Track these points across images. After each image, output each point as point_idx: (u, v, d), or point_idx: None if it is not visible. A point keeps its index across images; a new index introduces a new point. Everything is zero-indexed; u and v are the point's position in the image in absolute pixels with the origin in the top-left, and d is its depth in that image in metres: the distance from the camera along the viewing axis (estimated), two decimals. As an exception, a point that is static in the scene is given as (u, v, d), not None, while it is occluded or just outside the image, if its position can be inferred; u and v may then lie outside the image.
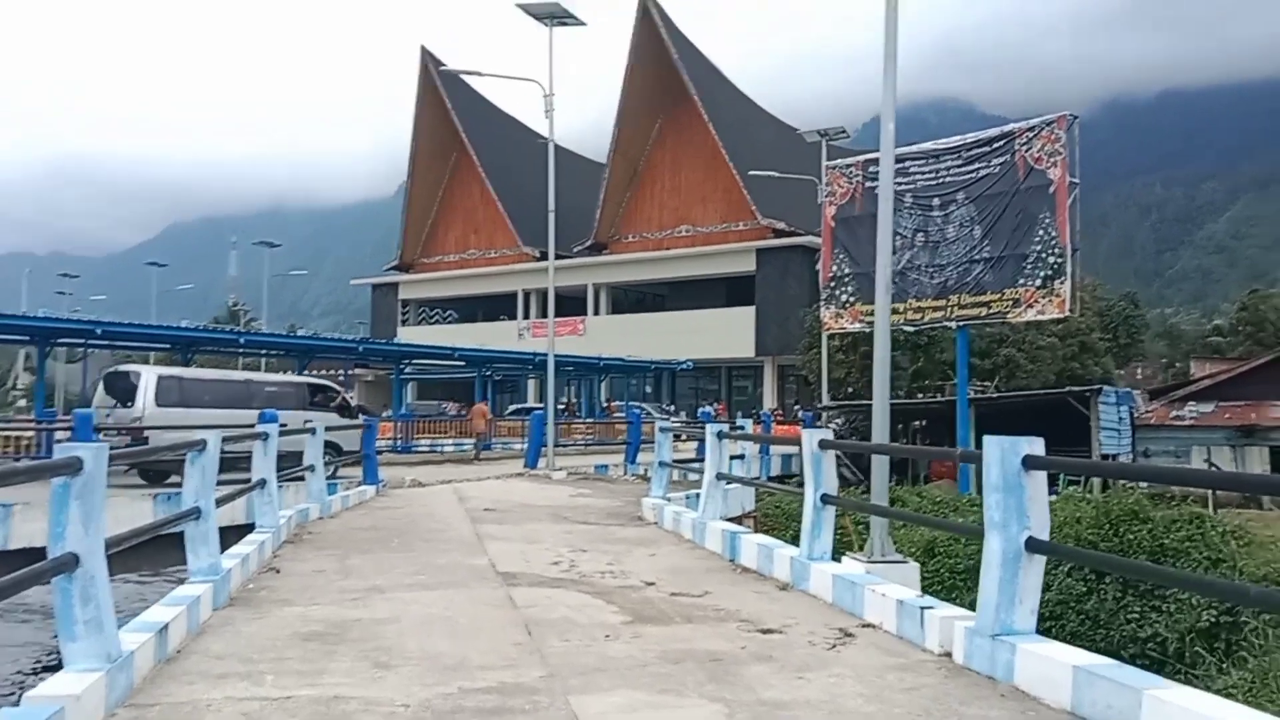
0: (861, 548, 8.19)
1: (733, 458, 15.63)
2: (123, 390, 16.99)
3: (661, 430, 12.89)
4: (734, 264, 50.49)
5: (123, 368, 18.62)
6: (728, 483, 10.57)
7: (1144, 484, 20.87)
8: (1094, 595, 12.71)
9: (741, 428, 17.65)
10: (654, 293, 58.71)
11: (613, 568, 8.60)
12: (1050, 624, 12.93)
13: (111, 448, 4.99)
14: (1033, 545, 5.09)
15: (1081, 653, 4.79)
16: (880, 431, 8.56)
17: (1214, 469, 21.62)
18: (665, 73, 52.01)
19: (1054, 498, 20.29)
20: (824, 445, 7.59)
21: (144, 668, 4.99)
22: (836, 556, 7.69)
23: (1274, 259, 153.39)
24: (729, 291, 51.46)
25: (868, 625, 6.29)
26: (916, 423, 27.92)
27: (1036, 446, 5.17)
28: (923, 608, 5.82)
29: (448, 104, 59.58)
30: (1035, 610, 5.16)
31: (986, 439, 5.29)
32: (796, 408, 41.30)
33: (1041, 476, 5.18)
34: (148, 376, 16.91)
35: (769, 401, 48.08)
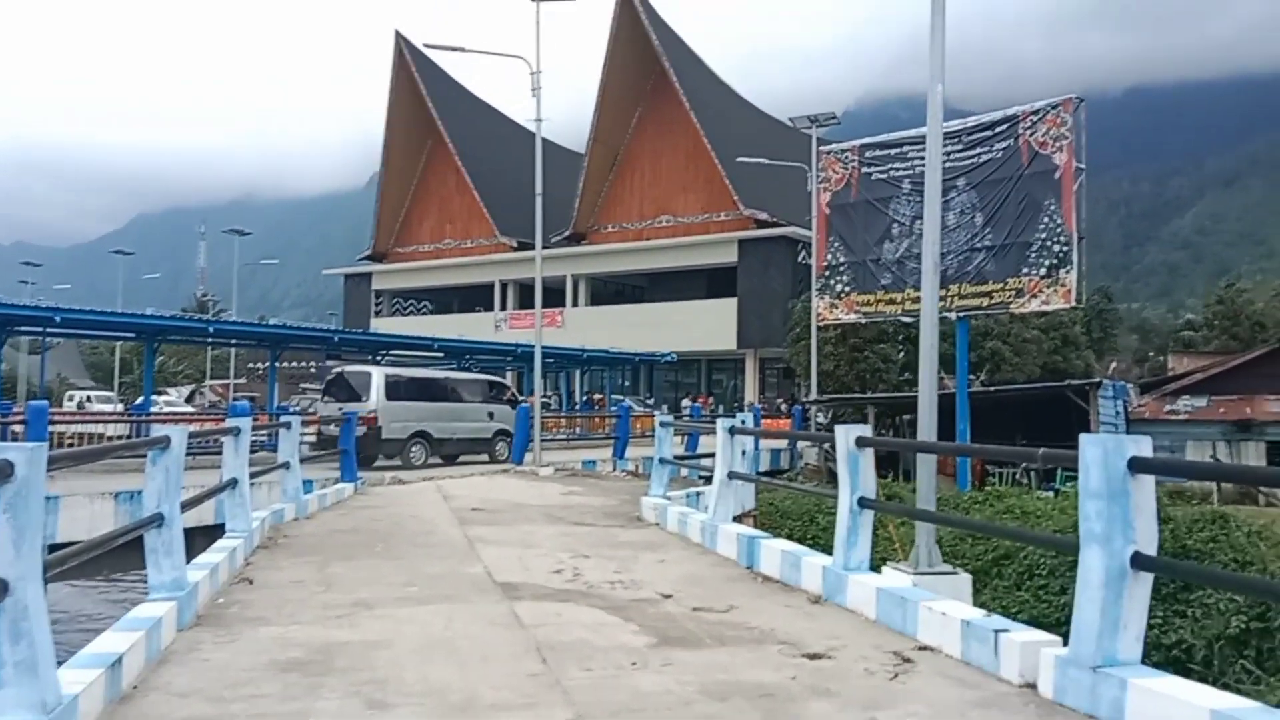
0: (906, 556, 7.46)
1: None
2: (349, 388, 20.18)
3: (662, 425, 12.13)
4: (715, 255, 49.74)
5: (349, 368, 21.80)
6: (741, 482, 9.80)
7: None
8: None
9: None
10: (633, 284, 57.87)
11: (621, 576, 7.83)
12: (1066, 629, 12.31)
13: (53, 447, 4.16)
14: (1140, 562, 4.37)
15: (1210, 691, 4.07)
16: (926, 427, 7.83)
17: (1194, 461, 21.22)
18: (645, 60, 51.16)
19: (1049, 494, 19.79)
20: (861, 443, 6.84)
21: (91, 713, 4.16)
22: (875, 567, 6.96)
23: (1239, 254, 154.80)
24: (710, 283, 50.72)
25: (925, 648, 5.56)
26: (905, 416, 27.32)
27: (1144, 447, 4.45)
28: (996, 630, 5.10)
29: (422, 90, 58.39)
30: (1141, 638, 4.45)
31: (1085, 437, 4.56)
32: (780, 401, 40.74)
33: (1149, 481, 4.46)
34: (377, 376, 20.30)
35: (750, 395, 47.44)
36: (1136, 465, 4.39)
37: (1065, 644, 4.75)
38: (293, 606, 6.66)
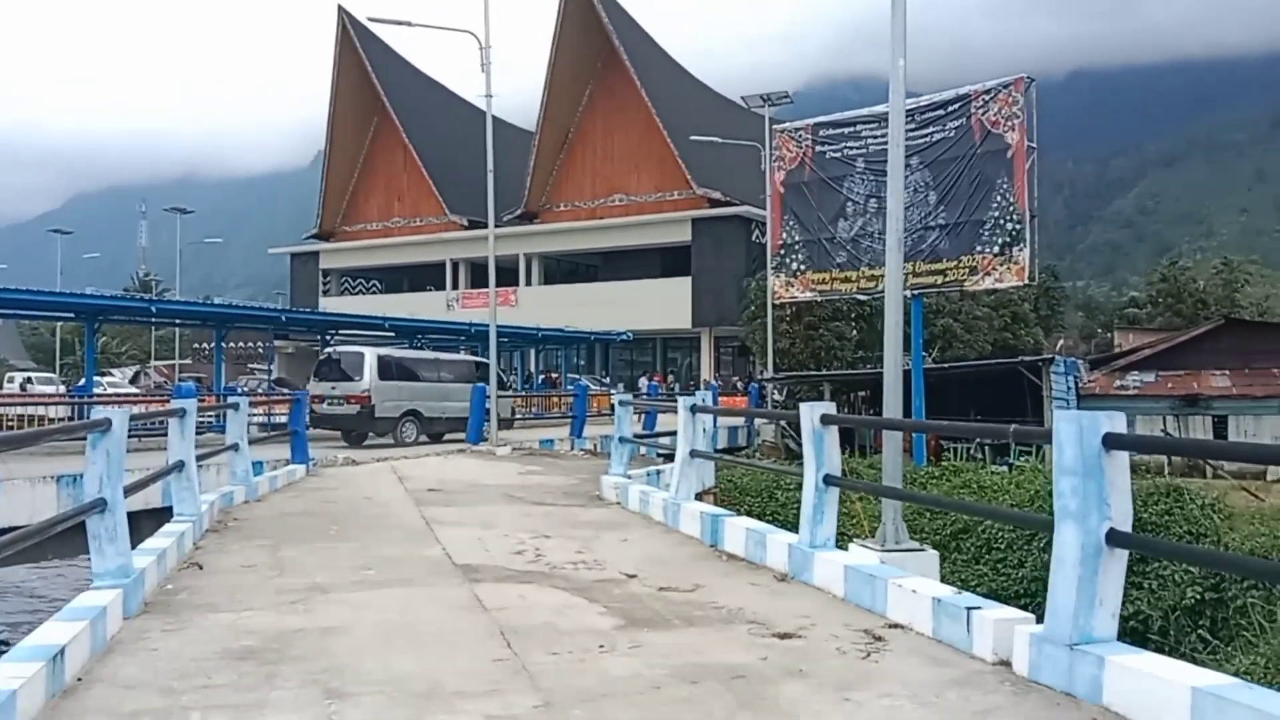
0: (872, 533, 7.40)
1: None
2: (341, 369, 20.67)
3: (621, 404, 12.00)
4: (669, 234, 49.56)
5: (341, 349, 22.73)
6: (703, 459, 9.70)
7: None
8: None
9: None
10: (587, 263, 57.54)
11: (584, 557, 7.70)
12: (1025, 601, 12.45)
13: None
14: (1115, 538, 4.33)
15: (1189, 667, 4.04)
16: (892, 404, 7.76)
17: (1167, 437, 21.59)
18: (596, 38, 50.64)
19: (1004, 469, 20.03)
20: (826, 420, 6.76)
21: (31, 709, 3.94)
22: (840, 544, 6.90)
23: (1179, 233, 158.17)
24: (664, 262, 50.57)
25: (896, 626, 5.50)
26: (860, 393, 27.51)
27: (1118, 423, 4.40)
28: (969, 608, 5.04)
29: (367, 66, 57.29)
30: (1117, 615, 4.41)
31: (1059, 414, 4.50)
32: (735, 379, 40.79)
33: (1124, 458, 4.41)
34: (370, 357, 20.80)
35: (706, 373, 47.48)
36: (1111, 442, 4.34)
37: (1039, 621, 4.70)
38: (245, 592, 6.45)
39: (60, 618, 4.86)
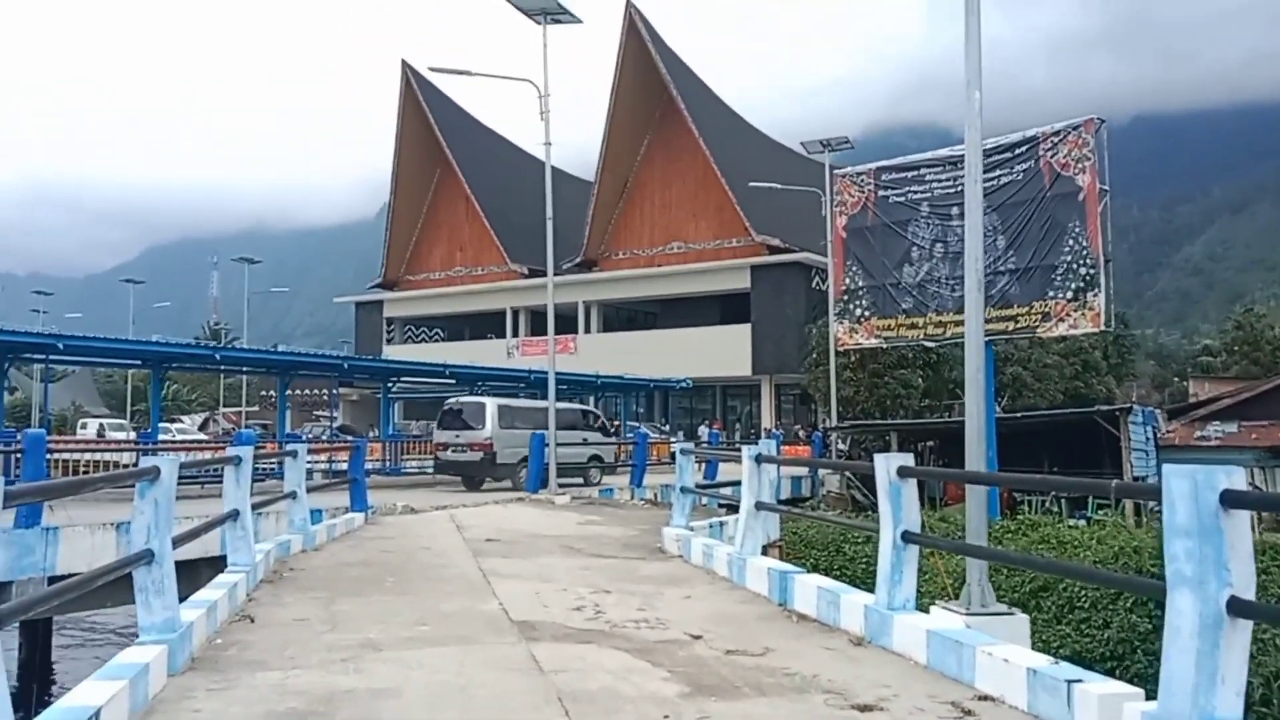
0: (957, 595, 6.95)
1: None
2: (463, 418, 21.97)
3: (682, 453, 11.66)
4: (728, 281, 49.33)
5: (462, 400, 23.90)
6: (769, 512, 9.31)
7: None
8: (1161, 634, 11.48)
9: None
10: (645, 310, 57.46)
11: (645, 614, 7.35)
12: (1112, 665, 11.75)
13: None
14: (1238, 608, 3.89)
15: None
16: (975, 455, 7.34)
17: (1258, 490, 20.56)
18: (653, 88, 50.99)
19: (1082, 523, 19.20)
20: (904, 473, 6.37)
21: (64, 779, 3.72)
22: (921, 606, 6.47)
23: (1250, 280, 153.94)
24: (723, 309, 50.28)
25: (985, 698, 5.07)
26: (929, 443, 26.79)
27: (1237, 479, 3.98)
28: (1069, 681, 4.60)
29: (430, 119, 58.36)
30: (1242, 693, 3.95)
31: (1168, 468, 4.09)
32: (797, 428, 40.15)
33: (1244, 518, 3.98)
34: (491, 406, 22.12)
35: (766, 421, 46.86)
36: (1229, 500, 3.91)
37: (1149, 698, 4.26)
38: (295, 648, 6.22)
39: (99, 676, 4.66)
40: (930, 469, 13.78)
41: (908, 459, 6.43)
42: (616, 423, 30.30)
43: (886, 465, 6.39)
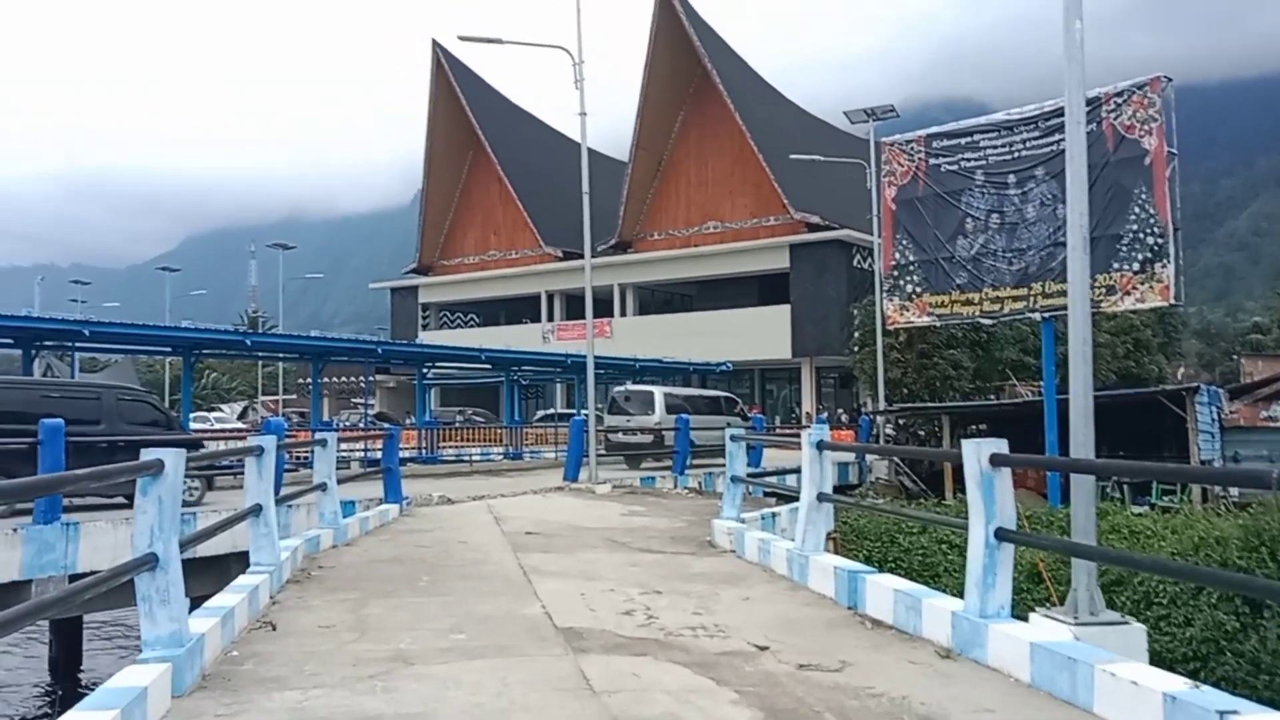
0: (1062, 601, 6.19)
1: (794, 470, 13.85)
2: (633, 404, 24.44)
3: (733, 439, 10.94)
4: (766, 261, 48.33)
5: (632, 387, 26.22)
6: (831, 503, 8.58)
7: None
8: (1252, 632, 10.64)
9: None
10: (682, 292, 56.61)
11: (703, 620, 6.67)
12: (1196, 665, 10.92)
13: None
14: None
15: None
16: (1082, 442, 6.55)
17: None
18: (687, 63, 49.95)
19: (1145, 509, 18.26)
20: (998, 461, 5.62)
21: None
22: (1017, 613, 5.73)
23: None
24: (761, 290, 49.34)
25: (1111, 727, 4.33)
26: (980, 426, 25.80)
27: None
28: (1222, 712, 3.85)
29: (463, 101, 57.70)
30: None
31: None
32: (840, 411, 39.23)
33: None
34: (659, 394, 24.50)
35: (806, 405, 45.96)
36: None
37: None
38: (318, 661, 5.60)
39: (85, 706, 4.05)
40: (1029, 457, 12.57)
41: (1001, 445, 5.68)
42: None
43: (977, 452, 5.64)
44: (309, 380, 58.95)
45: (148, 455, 5.08)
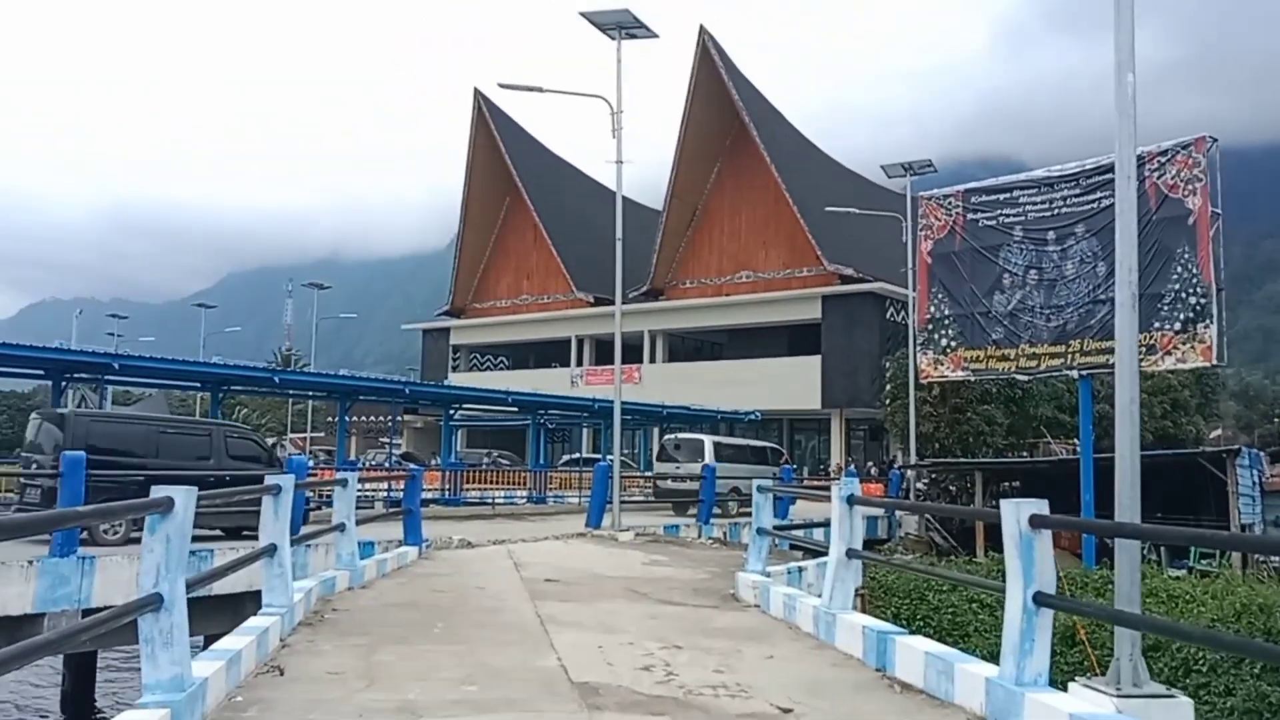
0: (1102, 668, 5.88)
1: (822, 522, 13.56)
2: (684, 451, 25.16)
3: (759, 490, 10.69)
4: (798, 311, 48.15)
5: (681, 436, 26.88)
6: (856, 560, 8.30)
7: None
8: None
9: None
10: (712, 341, 56.47)
11: (724, 678, 6.40)
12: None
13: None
14: None
15: None
16: (1128, 505, 6.28)
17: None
18: (724, 115, 50.30)
19: (1183, 572, 17.71)
20: (1038, 523, 5.36)
21: None
22: (1053, 679, 5.43)
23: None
24: (791, 340, 49.08)
25: (1161, 813, 4.03)
26: (1012, 483, 25.32)
27: None
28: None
29: (502, 149, 58.42)
30: None
31: None
32: (869, 465, 38.71)
33: None
34: (709, 442, 25.23)
35: (835, 457, 45.42)
36: None
37: None
38: (323, 710, 5.41)
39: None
40: (1071, 519, 11.99)
41: (1042, 505, 5.42)
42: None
43: (1017, 513, 5.39)
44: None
45: (157, 492, 4.95)
